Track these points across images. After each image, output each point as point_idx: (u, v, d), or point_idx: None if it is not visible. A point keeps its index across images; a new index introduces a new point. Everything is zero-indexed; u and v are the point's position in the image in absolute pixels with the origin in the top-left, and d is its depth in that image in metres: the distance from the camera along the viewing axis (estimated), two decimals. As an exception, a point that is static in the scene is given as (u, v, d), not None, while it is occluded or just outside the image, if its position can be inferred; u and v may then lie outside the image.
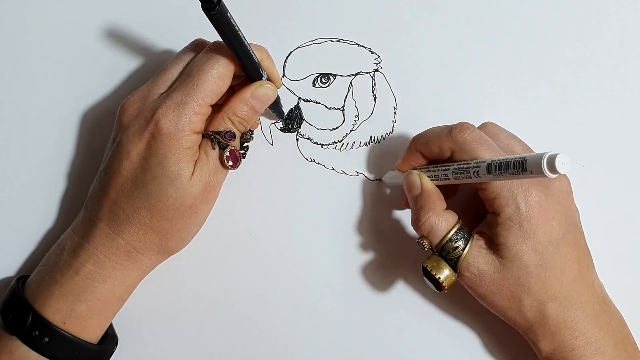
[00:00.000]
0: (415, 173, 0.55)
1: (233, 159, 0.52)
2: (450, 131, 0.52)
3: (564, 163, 0.43)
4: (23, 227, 0.59)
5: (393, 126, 0.61)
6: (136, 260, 0.52)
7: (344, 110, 0.61)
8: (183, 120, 0.50)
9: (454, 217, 0.53)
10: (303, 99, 0.61)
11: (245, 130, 0.54)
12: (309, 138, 0.61)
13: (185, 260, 0.58)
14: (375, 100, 0.61)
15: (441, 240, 0.52)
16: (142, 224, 0.51)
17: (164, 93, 0.52)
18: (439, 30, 0.61)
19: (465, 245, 0.52)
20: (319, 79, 0.61)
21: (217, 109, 0.54)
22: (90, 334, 0.52)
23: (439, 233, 0.52)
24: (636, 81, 0.61)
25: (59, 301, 0.51)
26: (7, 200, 0.60)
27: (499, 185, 0.51)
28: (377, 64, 0.61)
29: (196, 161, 0.52)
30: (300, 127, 0.61)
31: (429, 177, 0.54)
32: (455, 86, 0.61)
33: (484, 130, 0.54)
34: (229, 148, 0.52)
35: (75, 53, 0.61)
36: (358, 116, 0.61)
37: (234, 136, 0.53)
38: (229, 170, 0.53)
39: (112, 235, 0.51)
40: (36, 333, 0.50)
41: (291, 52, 0.61)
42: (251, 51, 0.51)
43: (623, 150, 0.60)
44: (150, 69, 0.60)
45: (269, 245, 0.60)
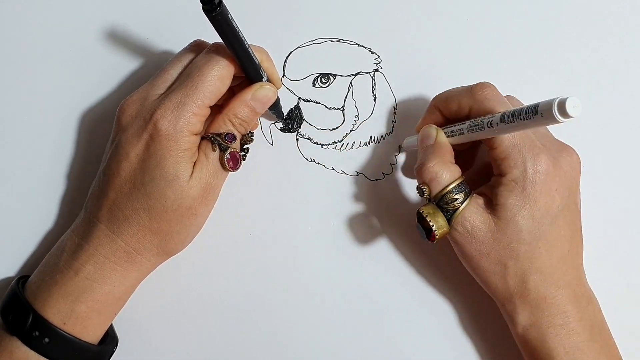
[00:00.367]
0: (433, 126, 0.55)
1: (233, 161, 0.52)
2: (471, 89, 0.53)
3: (574, 106, 0.43)
4: (23, 228, 0.59)
5: (393, 126, 0.61)
6: (135, 262, 0.52)
7: (344, 110, 0.61)
8: (182, 122, 0.50)
9: (458, 171, 0.53)
10: (303, 99, 0.61)
11: (246, 132, 0.54)
12: (309, 138, 0.61)
13: (185, 260, 0.58)
14: (375, 100, 0.61)
15: (442, 189, 0.52)
16: (141, 226, 0.51)
17: (163, 94, 0.52)
18: (439, 30, 0.61)
19: (465, 199, 0.52)
20: (319, 79, 0.61)
21: (217, 110, 0.54)
22: (91, 335, 0.52)
23: (441, 182, 0.52)
24: (637, 81, 0.61)
25: (59, 302, 0.51)
26: (7, 200, 0.60)
27: (510, 146, 0.51)
28: (377, 64, 0.61)
29: (195, 163, 0.51)
30: (300, 127, 0.61)
31: (445, 134, 0.54)
32: (455, 86, 0.60)
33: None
34: (229, 150, 0.52)
35: (75, 54, 0.61)
36: (358, 116, 0.61)
37: (234, 138, 0.53)
38: (229, 172, 0.53)
39: (112, 237, 0.51)
40: (36, 334, 0.50)
41: (291, 52, 0.61)
42: (251, 52, 0.51)
43: (623, 150, 0.61)
44: (150, 69, 0.60)
45: (268, 245, 0.60)
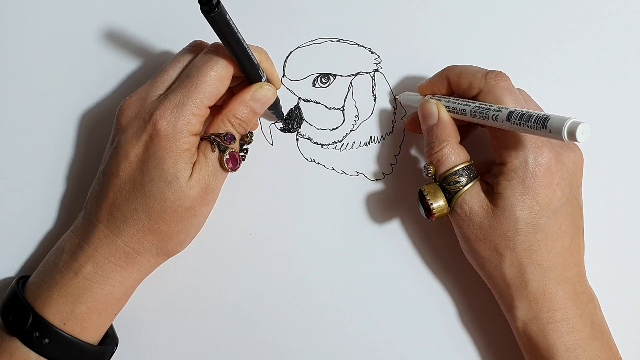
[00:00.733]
0: (432, 102, 0.55)
1: (233, 162, 0.52)
2: (487, 73, 0.53)
3: (584, 132, 0.43)
4: (23, 228, 0.60)
5: (393, 126, 0.61)
6: (135, 262, 0.52)
7: (344, 110, 0.61)
8: (181, 122, 0.50)
9: (465, 155, 0.53)
10: (303, 99, 0.61)
11: (245, 133, 0.54)
12: (309, 138, 0.61)
13: (185, 260, 0.58)
14: (375, 100, 0.61)
15: (447, 170, 0.52)
16: (141, 226, 0.51)
17: (162, 94, 0.52)
18: (439, 30, 0.61)
19: (467, 183, 0.52)
20: (319, 79, 0.61)
21: (217, 111, 0.54)
22: (91, 335, 0.52)
23: (447, 163, 0.52)
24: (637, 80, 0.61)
25: (59, 302, 0.51)
26: (7, 201, 0.60)
27: (513, 137, 0.51)
28: (377, 64, 0.61)
29: (195, 163, 0.51)
30: (300, 127, 0.61)
31: (446, 108, 0.54)
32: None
33: None
34: (228, 150, 0.52)
35: (74, 54, 0.61)
36: (358, 116, 0.61)
37: (233, 138, 0.53)
38: (229, 172, 0.53)
39: (111, 237, 0.51)
40: (36, 334, 0.50)
41: (291, 52, 0.61)
42: (250, 53, 0.51)
43: (624, 150, 0.60)
44: (150, 70, 0.60)
45: (268, 245, 0.60)
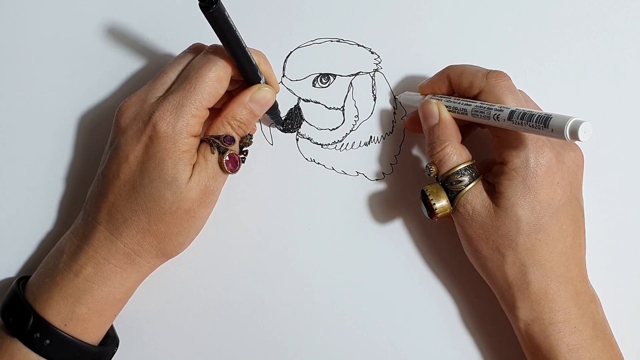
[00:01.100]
0: (433, 102, 0.55)
1: (232, 164, 0.52)
2: (487, 73, 0.53)
3: (586, 132, 0.43)
4: (23, 229, 0.60)
5: (393, 126, 0.61)
6: (135, 263, 0.52)
7: (344, 110, 0.61)
8: (180, 123, 0.50)
9: (467, 154, 0.53)
10: (303, 99, 0.61)
11: (245, 135, 0.54)
12: (309, 138, 0.61)
13: (185, 261, 0.58)
14: (375, 100, 0.61)
15: (449, 170, 0.52)
16: (140, 227, 0.51)
17: (161, 96, 0.52)
18: (439, 30, 0.61)
19: (469, 183, 0.52)
20: (319, 79, 0.61)
21: (216, 113, 0.54)
22: (91, 336, 0.53)
23: (449, 163, 0.53)
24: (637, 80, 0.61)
25: (60, 303, 0.51)
26: (7, 201, 0.60)
27: (514, 136, 0.51)
28: (377, 64, 0.61)
29: (194, 165, 0.51)
30: (300, 127, 0.61)
31: (447, 108, 0.54)
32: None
33: None
34: (228, 152, 0.52)
35: (74, 55, 0.61)
36: (358, 116, 0.61)
37: (233, 140, 0.53)
38: (228, 174, 0.53)
39: (111, 239, 0.51)
40: (37, 335, 0.50)
41: (291, 52, 0.61)
42: (249, 52, 0.51)
43: (624, 150, 0.60)
44: (149, 71, 0.60)
45: (268, 245, 0.60)
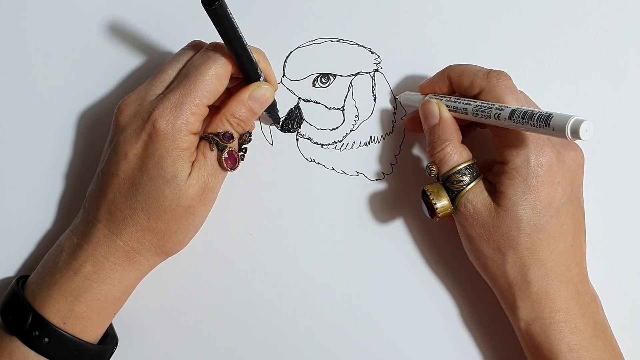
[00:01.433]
0: (433, 101, 0.55)
1: (231, 161, 0.52)
2: (488, 72, 0.53)
3: (587, 130, 0.43)
4: (22, 228, 0.60)
5: (393, 126, 0.61)
6: (135, 261, 0.52)
7: (344, 110, 0.61)
8: (180, 121, 0.50)
9: (468, 154, 0.53)
10: (303, 99, 0.61)
11: (244, 132, 0.54)
12: (309, 138, 0.61)
13: (185, 260, 0.58)
14: (375, 100, 0.61)
15: (449, 170, 0.52)
16: (140, 225, 0.51)
17: (161, 94, 0.52)
18: (439, 30, 0.61)
19: (470, 182, 0.52)
20: (319, 79, 0.61)
21: (215, 111, 0.54)
22: (90, 334, 0.52)
23: (449, 163, 0.53)
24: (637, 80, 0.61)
25: (59, 302, 0.51)
26: (7, 200, 0.60)
27: (514, 135, 0.51)
28: (377, 64, 0.61)
29: (194, 163, 0.51)
30: (300, 127, 0.61)
31: (448, 108, 0.54)
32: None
33: None
34: (227, 150, 0.52)
35: (73, 53, 0.61)
36: (358, 116, 0.61)
37: (232, 138, 0.53)
38: (228, 172, 0.53)
39: (110, 237, 0.51)
40: (36, 333, 0.50)
41: (291, 52, 0.61)
42: (249, 50, 0.51)
43: (624, 150, 0.60)
44: (149, 69, 0.60)
45: (268, 245, 0.60)
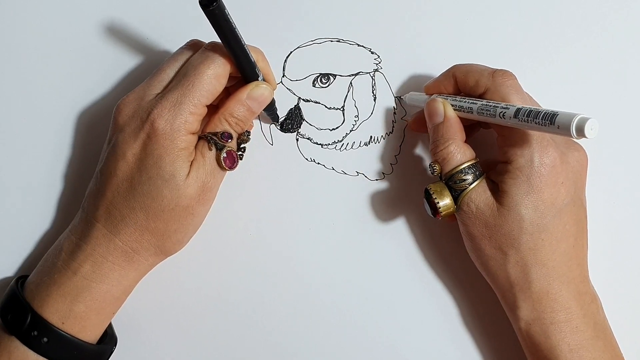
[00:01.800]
0: (439, 100, 0.55)
1: (230, 160, 0.52)
2: (494, 72, 0.53)
3: (592, 128, 0.43)
4: (22, 228, 0.60)
5: (393, 126, 0.61)
6: (133, 261, 0.52)
7: (344, 110, 0.61)
8: (179, 120, 0.50)
9: (471, 153, 0.53)
10: (303, 99, 0.61)
11: (242, 131, 0.54)
12: (309, 138, 0.61)
13: (185, 260, 0.58)
14: (375, 100, 0.61)
15: (453, 169, 0.52)
16: (138, 225, 0.51)
17: (159, 93, 0.52)
18: (439, 30, 0.61)
19: (473, 181, 0.52)
20: (319, 79, 0.61)
21: (214, 110, 0.54)
22: (89, 334, 0.52)
23: (452, 162, 0.53)
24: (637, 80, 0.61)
25: (58, 301, 0.51)
26: (6, 200, 0.60)
27: (518, 135, 0.51)
28: (377, 64, 0.61)
29: (192, 162, 0.51)
30: (300, 127, 0.61)
31: (453, 107, 0.54)
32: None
33: None
34: (225, 149, 0.52)
35: (72, 53, 0.61)
36: (358, 116, 0.61)
37: (230, 137, 0.53)
38: (226, 171, 0.53)
39: (109, 236, 0.51)
40: (35, 333, 0.50)
41: (291, 52, 0.61)
42: (247, 50, 0.51)
43: (624, 150, 0.60)
44: (147, 69, 0.60)
45: (268, 245, 0.60)
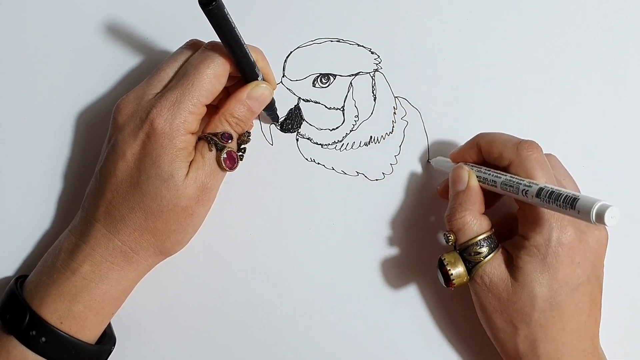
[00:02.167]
0: (465, 168, 0.54)
1: (230, 161, 0.52)
2: (518, 144, 0.52)
3: (612, 217, 0.43)
4: (21, 227, 0.60)
5: (393, 126, 0.61)
6: (133, 261, 0.52)
7: (344, 110, 0.61)
8: (178, 120, 0.50)
9: (488, 224, 0.53)
10: (303, 99, 0.61)
11: (242, 132, 0.54)
12: (309, 138, 0.61)
13: (184, 260, 0.58)
14: (375, 100, 0.61)
15: (468, 240, 0.52)
16: (138, 225, 0.51)
17: (159, 93, 0.52)
18: (439, 30, 0.61)
19: (488, 254, 0.52)
20: (319, 79, 0.61)
21: (213, 111, 0.54)
22: (88, 334, 0.52)
23: (468, 233, 0.52)
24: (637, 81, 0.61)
25: (56, 301, 0.51)
26: (6, 200, 0.60)
27: (539, 212, 0.51)
28: (377, 64, 0.61)
29: (192, 162, 0.51)
30: (300, 127, 0.61)
31: (477, 178, 0.54)
32: (455, 85, 0.61)
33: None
34: (226, 149, 0.52)
35: (71, 53, 0.61)
36: (358, 116, 0.61)
37: (230, 137, 0.53)
38: (226, 172, 0.53)
39: (108, 236, 0.51)
40: (33, 333, 0.50)
41: (291, 52, 0.61)
42: (247, 49, 0.51)
43: (624, 150, 0.60)
44: (147, 68, 0.60)
45: (268, 245, 0.60)
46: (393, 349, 0.59)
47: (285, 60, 0.61)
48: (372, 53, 0.61)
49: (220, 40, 0.49)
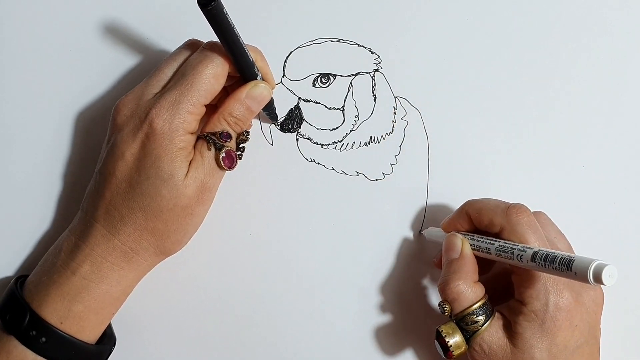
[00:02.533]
0: (459, 236, 0.54)
1: (229, 160, 0.52)
2: (507, 209, 0.52)
3: (610, 276, 0.42)
4: (21, 228, 0.60)
5: (393, 126, 0.61)
6: (133, 261, 0.52)
7: (344, 110, 0.61)
8: (177, 120, 0.50)
9: (482, 291, 0.53)
10: (303, 99, 0.61)
11: (241, 131, 0.54)
12: (309, 138, 0.61)
13: (184, 260, 0.58)
14: (375, 100, 0.61)
15: (464, 310, 0.52)
16: (137, 225, 0.51)
17: (158, 93, 0.52)
18: (439, 30, 0.61)
19: (485, 322, 0.51)
20: (319, 79, 0.61)
21: (213, 110, 0.54)
22: (88, 334, 0.52)
23: (463, 303, 0.52)
24: (637, 82, 0.60)
25: (56, 301, 0.51)
26: (6, 200, 0.60)
27: (534, 276, 0.50)
28: (377, 64, 0.61)
29: (191, 162, 0.51)
30: (300, 127, 0.61)
31: (471, 246, 0.54)
32: (455, 85, 0.60)
33: (535, 217, 0.53)
34: (224, 149, 0.52)
35: (71, 53, 0.61)
36: (358, 116, 0.61)
37: (229, 137, 0.53)
38: (225, 171, 0.53)
39: (108, 236, 0.51)
40: (33, 333, 0.50)
41: (291, 52, 0.61)
42: (246, 49, 0.51)
43: (624, 151, 0.60)
44: (146, 69, 0.60)
45: (268, 245, 0.60)
46: (393, 348, 0.59)
47: (285, 60, 0.61)
48: (372, 53, 0.61)
49: (219, 40, 0.50)
